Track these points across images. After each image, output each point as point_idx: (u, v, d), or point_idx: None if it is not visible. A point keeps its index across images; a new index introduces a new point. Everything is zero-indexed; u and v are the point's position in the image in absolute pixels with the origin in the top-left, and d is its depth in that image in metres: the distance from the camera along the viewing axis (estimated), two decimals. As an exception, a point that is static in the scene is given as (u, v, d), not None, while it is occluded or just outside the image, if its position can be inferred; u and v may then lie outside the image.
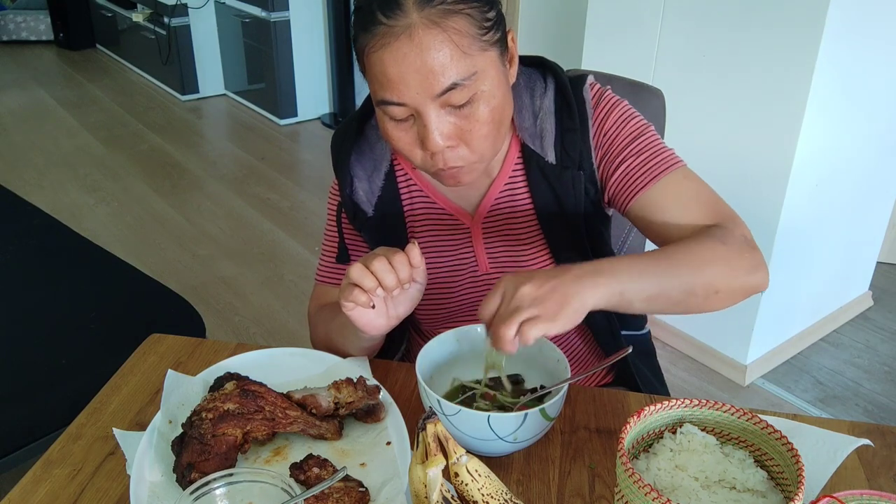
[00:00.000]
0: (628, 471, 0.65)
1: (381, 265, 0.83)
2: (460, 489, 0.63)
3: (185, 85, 4.76)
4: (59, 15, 5.71)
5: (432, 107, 0.81)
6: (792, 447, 0.69)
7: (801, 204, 2.05)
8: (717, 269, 0.84)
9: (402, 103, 0.82)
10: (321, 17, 4.29)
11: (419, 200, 1.03)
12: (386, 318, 0.90)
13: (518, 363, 0.91)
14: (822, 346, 2.45)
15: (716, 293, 0.84)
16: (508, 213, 1.01)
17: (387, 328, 0.91)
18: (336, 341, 1.00)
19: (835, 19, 1.80)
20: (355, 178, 1.01)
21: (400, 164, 1.03)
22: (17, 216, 2.10)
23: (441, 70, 0.79)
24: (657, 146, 0.94)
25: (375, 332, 0.90)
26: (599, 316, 1.04)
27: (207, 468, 0.75)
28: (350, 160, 1.00)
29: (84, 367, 1.46)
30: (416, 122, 0.84)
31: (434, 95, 0.80)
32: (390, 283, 0.84)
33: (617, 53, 2.30)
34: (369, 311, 0.87)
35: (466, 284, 1.05)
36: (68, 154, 3.98)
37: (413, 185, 1.03)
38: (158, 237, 3.15)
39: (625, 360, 1.06)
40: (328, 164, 1.06)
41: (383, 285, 0.84)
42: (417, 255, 0.85)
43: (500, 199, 1.00)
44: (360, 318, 0.87)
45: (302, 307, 2.66)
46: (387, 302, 0.89)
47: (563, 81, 0.97)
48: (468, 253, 1.04)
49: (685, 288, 0.82)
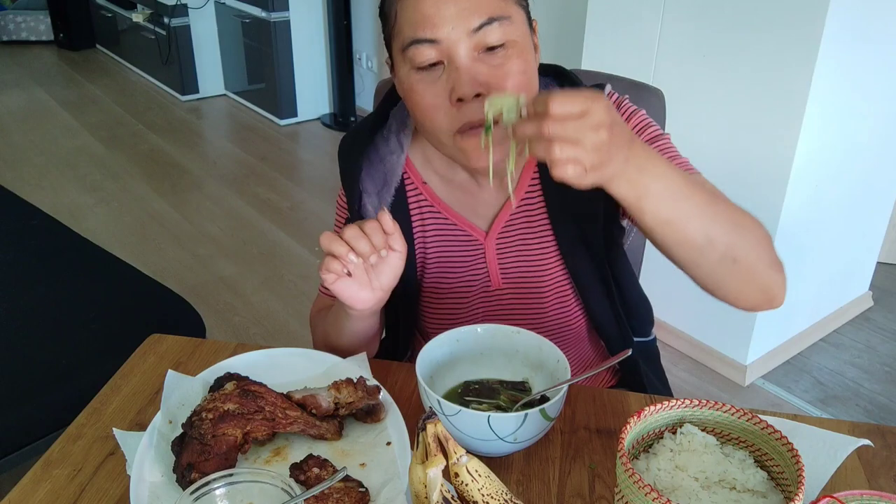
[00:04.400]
0: (628, 471, 0.65)
1: (351, 232, 0.82)
2: (460, 489, 0.63)
3: (185, 85, 4.76)
4: (60, 15, 5.71)
5: (466, 46, 0.81)
6: (792, 447, 0.69)
7: (801, 204, 2.05)
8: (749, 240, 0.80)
9: (436, 40, 0.81)
10: (321, 17, 4.29)
11: (430, 217, 1.02)
12: (370, 290, 0.88)
13: (518, 363, 0.91)
14: (822, 347, 2.45)
15: (734, 261, 0.79)
16: (524, 229, 1.00)
17: (374, 301, 0.89)
18: (333, 336, 1.00)
19: (835, 19, 1.80)
20: (364, 194, 0.99)
21: (410, 178, 1.01)
22: (17, 216, 2.10)
23: (479, 4, 0.80)
24: (672, 153, 0.93)
25: (362, 306, 0.89)
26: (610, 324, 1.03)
27: (207, 468, 0.75)
28: (360, 175, 0.98)
29: (84, 367, 1.46)
30: (447, 70, 0.83)
31: (470, 30, 0.80)
32: (363, 249, 0.82)
33: (617, 53, 2.30)
34: (352, 284, 0.86)
35: (479, 300, 1.04)
36: (68, 154, 3.98)
37: (423, 200, 1.02)
38: (158, 237, 3.15)
39: (634, 365, 1.05)
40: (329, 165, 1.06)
41: (357, 251, 0.82)
42: (389, 222, 0.84)
43: (515, 214, 0.99)
44: (343, 291, 0.87)
45: (302, 307, 2.66)
46: (369, 273, 0.88)
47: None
48: (481, 269, 1.02)
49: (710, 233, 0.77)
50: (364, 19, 4.20)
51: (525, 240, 1.00)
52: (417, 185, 1.01)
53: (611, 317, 1.02)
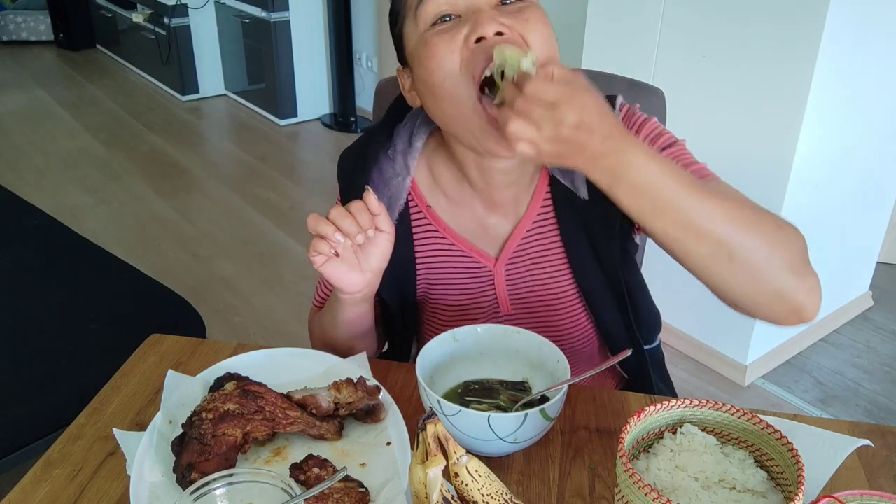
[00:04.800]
0: (628, 471, 0.65)
1: (337, 212, 0.83)
2: (460, 489, 0.63)
3: (185, 85, 4.76)
4: (60, 15, 5.71)
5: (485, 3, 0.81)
6: (792, 447, 0.69)
7: (801, 204, 2.05)
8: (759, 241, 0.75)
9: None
10: (321, 17, 4.29)
11: (434, 242, 1.00)
12: (360, 272, 0.88)
13: (518, 363, 0.91)
14: (822, 347, 2.45)
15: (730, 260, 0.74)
16: (536, 254, 0.97)
17: (364, 283, 0.89)
18: (328, 328, 0.99)
19: (835, 19, 1.80)
20: None
21: (414, 201, 0.99)
22: (17, 216, 2.10)
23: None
24: (688, 158, 0.91)
25: (353, 289, 0.89)
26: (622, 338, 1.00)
27: (207, 468, 0.75)
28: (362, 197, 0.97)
29: (84, 367, 1.46)
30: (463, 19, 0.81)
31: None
32: (349, 228, 0.82)
33: (617, 53, 2.30)
34: (341, 265, 0.87)
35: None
36: (68, 154, 3.98)
37: (428, 226, 0.99)
38: (158, 237, 3.15)
39: (643, 370, 1.04)
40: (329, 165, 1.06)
41: (343, 230, 0.82)
42: (374, 202, 0.84)
43: (526, 239, 0.97)
44: (333, 272, 0.87)
45: (302, 307, 2.66)
46: (357, 255, 0.88)
47: None
48: (489, 295, 1.01)
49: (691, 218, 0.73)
50: (364, 19, 4.20)
51: (537, 264, 0.98)
52: (422, 208, 0.99)
53: (622, 330, 1.00)
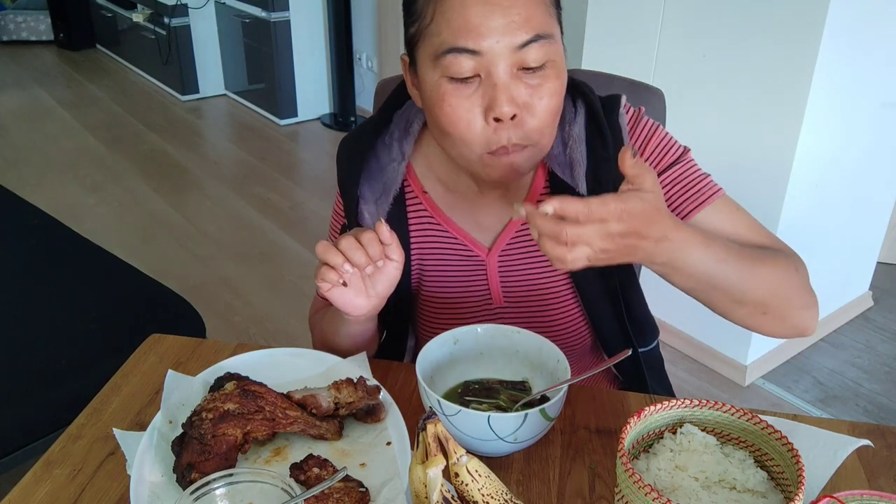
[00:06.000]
0: (628, 471, 0.65)
1: (347, 243, 0.82)
2: (460, 489, 0.63)
3: (185, 85, 4.76)
4: (60, 15, 5.71)
5: (506, 64, 0.78)
6: (792, 447, 0.69)
7: (800, 204, 2.06)
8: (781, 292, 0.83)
9: (478, 51, 0.77)
10: (321, 17, 4.29)
11: (429, 228, 1.00)
12: (366, 298, 0.87)
13: (518, 363, 0.91)
14: (822, 347, 2.45)
15: (763, 314, 0.83)
16: (530, 247, 0.97)
17: (369, 308, 0.89)
18: (330, 337, 0.99)
19: (835, 19, 1.80)
20: (361, 200, 0.97)
21: (410, 187, 0.99)
22: (17, 216, 2.10)
23: (528, 18, 0.77)
24: (697, 173, 0.92)
25: (358, 313, 0.88)
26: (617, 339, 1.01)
27: (207, 468, 0.75)
28: (359, 182, 0.97)
29: (84, 367, 1.46)
30: (483, 84, 0.80)
31: (515, 46, 0.77)
32: (359, 260, 0.81)
33: (617, 53, 2.30)
34: (347, 291, 0.86)
35: (479, 317, 1.02)
36: (68, 154, 3.98)
37: (423, 211, 0.99)
38: (159, 237, 3.15)
39: (639, 371, 1.04)
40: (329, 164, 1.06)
41: (353, 262, 0.82)
42: (386, 232, 0.82)
43: (521, 231, 0.97)
44: (338, 299, 0.86)
45: (302, 307, 2.66)
46: (365, 281, 0.87)
47: (595, 108, 0.92)
48: (481, 285, 1.01)
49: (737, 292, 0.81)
50: (364, 19, 4.20)
51: (530, 257, 0.98)
52: (418, 193, 0.99)
53: (616, 327, 1.00)
